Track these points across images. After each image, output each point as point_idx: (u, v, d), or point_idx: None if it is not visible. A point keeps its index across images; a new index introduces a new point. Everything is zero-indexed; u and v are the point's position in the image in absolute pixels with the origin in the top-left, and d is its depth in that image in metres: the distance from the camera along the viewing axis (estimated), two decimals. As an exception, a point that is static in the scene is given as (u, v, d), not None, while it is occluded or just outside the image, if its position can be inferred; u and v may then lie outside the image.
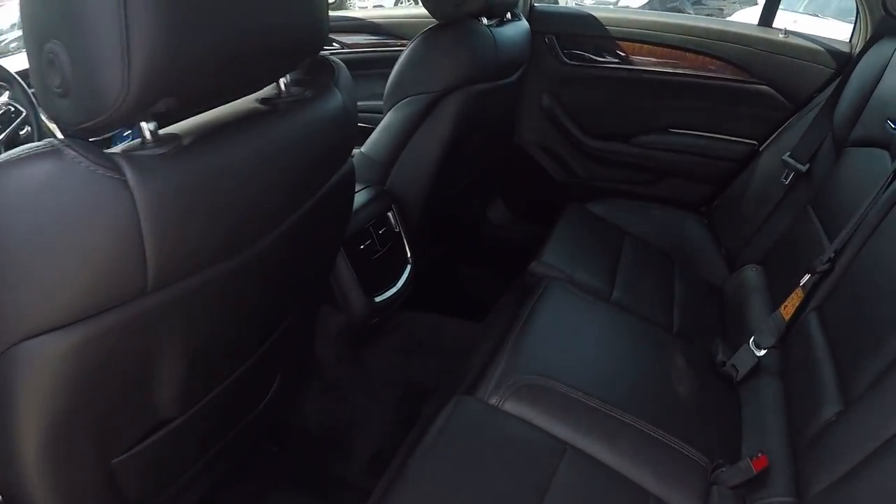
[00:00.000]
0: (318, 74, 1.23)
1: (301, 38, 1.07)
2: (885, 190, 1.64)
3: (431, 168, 1.93)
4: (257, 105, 1.10)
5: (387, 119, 1.92)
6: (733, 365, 1.77)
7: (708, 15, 9.86)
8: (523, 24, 2.25)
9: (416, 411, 2.00)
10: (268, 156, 1.03)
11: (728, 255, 2.40)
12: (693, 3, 10.26)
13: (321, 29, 1.10)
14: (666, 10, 9.97)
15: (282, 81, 1.14)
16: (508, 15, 2.22)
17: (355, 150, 1.99)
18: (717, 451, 1.50)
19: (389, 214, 1.94)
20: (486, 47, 1.91)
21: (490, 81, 1.96)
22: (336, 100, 1.21)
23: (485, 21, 1.99)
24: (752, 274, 2.22)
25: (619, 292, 2.00)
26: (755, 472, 1.40)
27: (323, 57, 1.27)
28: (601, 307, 1.85)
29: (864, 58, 2.20)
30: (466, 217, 2.54)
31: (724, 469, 1.45)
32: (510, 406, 1.47)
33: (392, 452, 1.80)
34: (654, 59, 2.58)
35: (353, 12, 3.34)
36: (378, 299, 1.89)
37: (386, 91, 1.91)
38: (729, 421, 1.63)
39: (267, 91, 1.15)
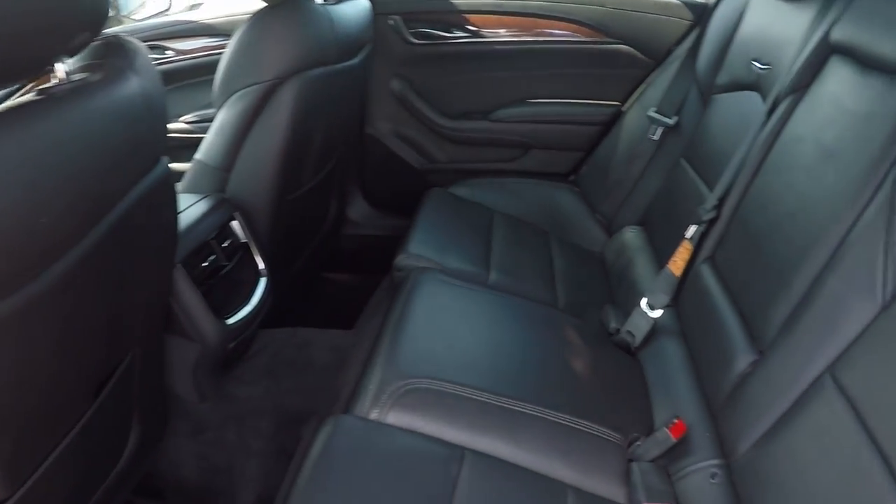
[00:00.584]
0: (110, 58, 1.03)
1: (72, 15, 0.87)
2: (763, 129, 1.59)
3: (275, 167, 1.72)
4: (29, 98, 0.89)
5: (219, 118, 1.70)
6: (629, 331, 1.66)
7: None
8: (363, 2, 2.08)
9: (295, 439, 1.80)
10: (35, 155, 0.82)
11: (604, 221, 2.33)
12: None
13: (98, 4, 0.91)
14: None
15: (61, 68, 0.93)
16: None
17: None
18: (629, 425, 1.39)
19: (234, 224, 1.71)
20: (322, 27, 1.73)
21: (329, 65, 1.78)
22: (131, 85, 1.00)
23: (319, 0, 1.81)
24: (631, 235, 2.15)
25: (496, 274, 1.85)
26: (674, 439, 1.29)
27: (114, 37, 1.06)
28: (479, 293, 1.70)
29: (721, 5, 2.18)
30: (325, 217, 2.34)
31: (640, 443, 1.33)
32: (394, 417, 1.29)
33: (277, 489, 1.60)
34: (506, 30, 2.45)
35: (187, 14, 3.08)
36: (231, 321, 1.66)
37: (214, 87, 1.70)
38: (636, 391, 1.51)
39: (48, 81, 0.94)
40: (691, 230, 1.64)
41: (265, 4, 1.68)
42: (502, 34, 2.45)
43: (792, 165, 1.43)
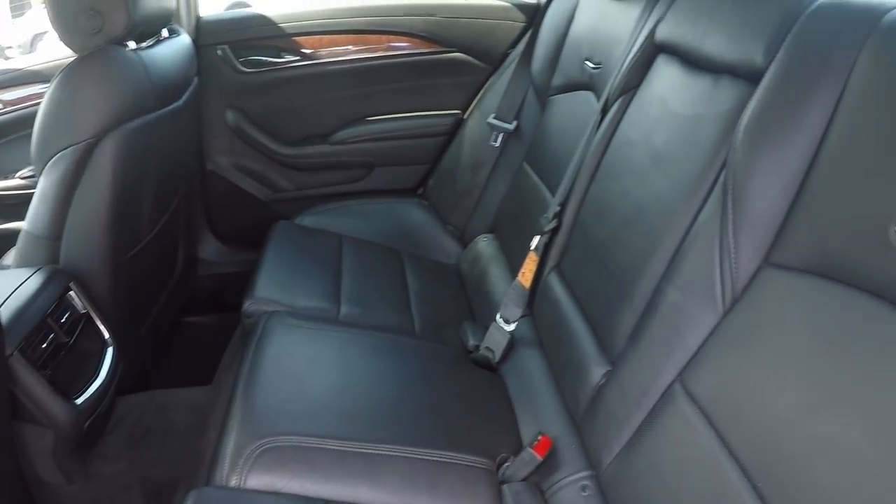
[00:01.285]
0: None
1: None
2: (596, 131, 1.59)
3: (105, 228, 1.60)
4: None
5: (40, 186, 1.57)
6: (488, 347, 1.64)
7: None
8: (182, 40, 1.95)
9: (165, 510, 1.69)
10: None
11: (457, 232, 2.31)
12: None
13: None
14: None
15: None
16: (165, 32, 1.93)
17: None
18: (497, 446, 1.36)
19: (70, 295, 1.59)
20: (136, 75, 1.60)
21: (150, 113, 1.66)
22: None
23: (132, 45, 1.69)
24: (484, 244, 2.14)
25: (347, 307, 1.79)
26: (540, 458, 1.28)
27: None
28: (330, 332, 1.63)
29: (552, 5, 2.19)
30: (174, 264, 2.21)
31: (509, 464, 1.31)
32: (254, 481, 1.21)
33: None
34: (339, 49, 2.40)
35: (11, 62, 2.84)
36: (80, 400, 1.53)
37: (31, 152, 1.57)
38: (500, 409, 1.49)
39: None
40: (535, 240, 1.63)
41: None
42: (335, 54, 2.39)
43: (626, 170, 1.43)
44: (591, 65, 1.79)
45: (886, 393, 0.76)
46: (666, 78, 1.43)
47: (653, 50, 1.51)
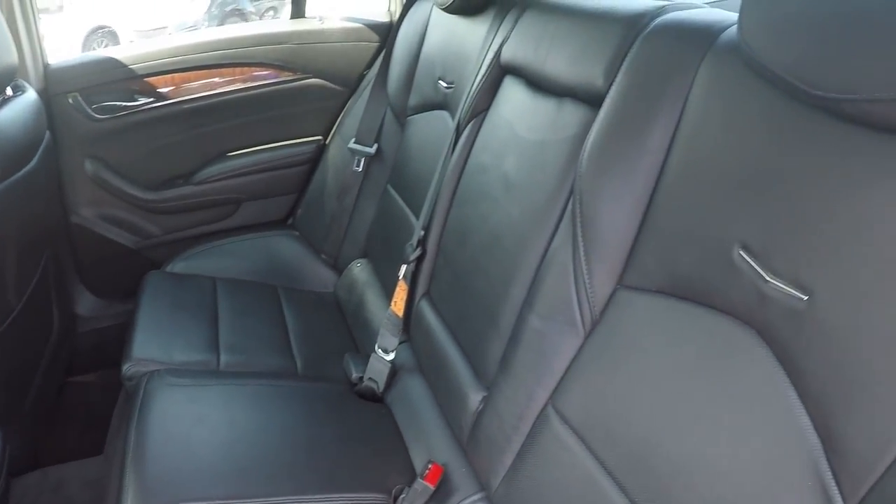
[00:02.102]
0: None
1: None
2: (451, 155, 1.61)
3: None
4: None
5: None
6: (371, 378, 1.65)
7: (269, 8, 9.96)
8: (27, 96, 1.83)
9: None
10: None
11: (330, 260, 2.30)
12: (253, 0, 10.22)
13: None
14: (225, 13, 9.80)
15: None
16: (9, 90, 1.82)
17: None
18: (392, 479, 1.37)
19: None
20: None
21: (1, 182, 1.58)
22: None
23: None
24: (358, 270, 2.14)
25: (226, 356, 1.76)
26: (432, 487, 1.30)
27: None
28: (212, 388, 1.59)
29: (404, 24, 2.20)
30: (50, 330, 2.09)
31: (404, 495, 1.32)
32: None
33: None
34: (194, 85, 2.33)
35: None
36: None
37: None
38: (390, 440, 1.51)
39: None
40: (403, 269, 1.65)
41: None
42: (191, 91, 2.33)
43: (481, 196, 1.46)
44: (444, 84, 1.82)
45: (739, 406, 0.82)
46: (513, 100, 1.46)
47: (499, 71, 1.53)
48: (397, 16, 2.34)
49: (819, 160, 0.76)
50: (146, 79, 2.26)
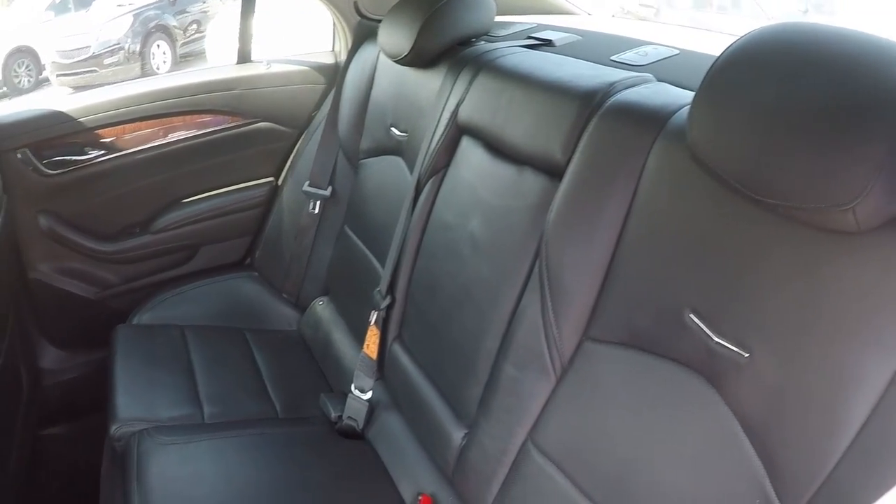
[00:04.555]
0: None
1: None
2: (413, 210, 1.69)
3: None
4: None
5: None
6: (350, 417, 1.74)
7: (192, 21, 9.77)
8: None
9: None
10: None
11: (291, 299, 2.37)
12: (176, 14, 10.08)
13: None
14: (149, 30, 9.67)
15: None
16: None
17: None
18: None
19: None
20: None
21: None
22: None
23: None
24: (321, 308, 2.23)
25: (209, 406, 1.83)
26: (424, 517, 1.41)
27: None
28: (201, 442, 1.66)
29: (351, 66, 2.26)
30: (20, 391, 2.11)
31: (398, 528, 1.43)
32: None
33: None
34: (144, 133, 2.37)
35: None
36: None
37: None
38: (376, 475, 1.61)
39: None
40: (374, 315, 1.73)
41: None
42: (141, 140, 2.37)
43: (448, 252, 1.55)
44: (398, 132, 1.89)
45: (695, 439, 0.97)
46: (472, 161, 1.55)
47: (456, 130, 1.60)
48: (342, 56, 2.42)
49: (759, 241, 0.91)
50: (96, 131, 2.29)
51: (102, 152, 2.33)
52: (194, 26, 10.22)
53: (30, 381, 2.16)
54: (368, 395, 1.74)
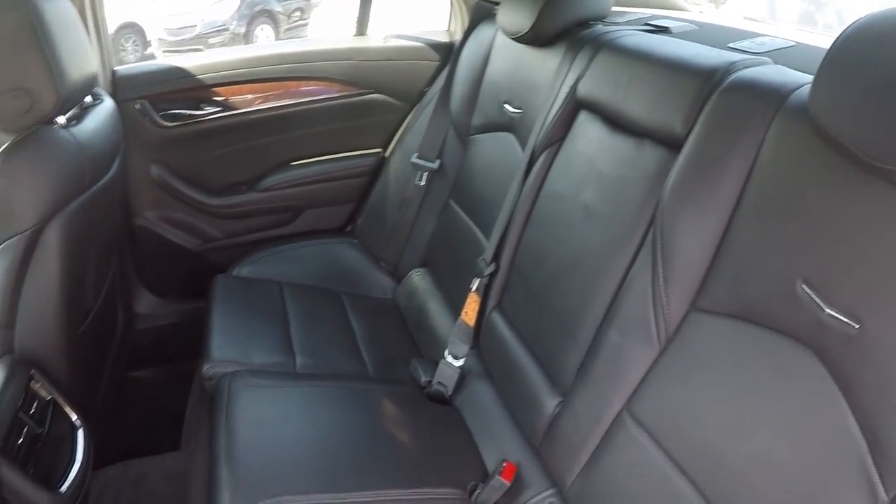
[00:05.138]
0: None
1: None
2: (525, 181, 1.70)
3: (58, 310, 1.59)
4: None
5: None
6: (440, 382, 1.75)
7: (296, 9, 10.09)
8: (106, 105, 1.92)
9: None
10: None
11: (389, 268, 2.40)
12: (281, 0, 10.39)
13: None
14: (255, 13, 9.98)
15: None
16: (88, 97, 1.89)
17: None
18: (466, 476, 1.49)
19: (33, 384, 1.57)
20: (72, 157, 1.58)
21: (87, 191, 1.65)
22: None
23: (61, 121, 1.64)
24: (418, 278, 2.25)
25: (302, 358, 1.87)
26: (507, 483, 1.42)
27: None
28: (292, 388, 1.70)
29: (467, 45, 2.29)
30: (116, 328, 2.20)
31: (479, 491, 1.43)
32: None
33: None
34: (258, 97, 2.45)
35: None
36: (65, 487, 1.53)
37: None
38: (462, 440, 1.62)
39: None
40: (476, 282, 1.75)
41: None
42: (256, 101, 2.44)
43: (558, 222, 1.56)
44: (511, 109, 1.90)
45: (797, 413, 0.95)
46: (590, 135, 1.56)
47: (575, 105, 1.62)
48: (458, 36, 2.45)
49: (876, 213, 0.90)
50: (213, 88, 2.38)
51: (218, 109, 2.41)
52: (298, 13, 10.50)
53: (124, 323, 2.25)
54: (461, 361, 1.75)
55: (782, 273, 1.00)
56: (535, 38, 1.83)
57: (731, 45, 1.51)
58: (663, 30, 1.72)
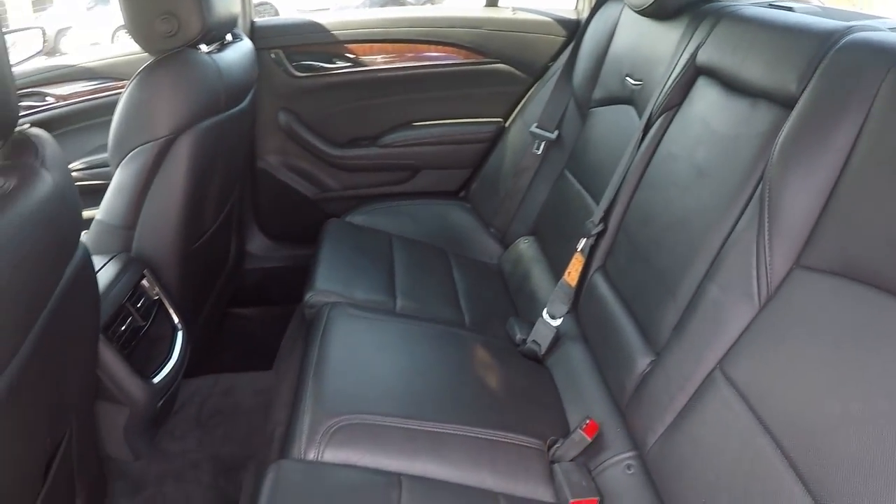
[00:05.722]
0: (20, 157, 1.01)
1: None
2: (640, 145, 1.71)
3: (178, 220, 1.71)
4: None
5: (116, 178, 1.67)
6: (534, 341, 1.77)
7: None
8: (246, 44, 2.06)
9: (234, 486, 1.82)
10: None
11: (498, 234, 2.43)
12: None
13: (7, 104, 0.92)
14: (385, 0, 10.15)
15: None
16: (229, 36, 2.03)
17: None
18: (547, 430, 1.49)
19: (144, 282, 1.71)
20: (210, 79, 1.71)
21: (220, 113, 1.78)
22: (45, 185, 1.00)
23: (204, 48, 1.79)
24: (525, 246, 2.27)
25: (402, 300, 1.93)
26: (589, 439, 1.41)
27: (20, 134, 1.04)
28: (390, 322, 1.76)
29: (593, 22, 2.31)
30: (227, 257, 2.33)
31: (559, 445, 1.44)
32: (331, 455, 1.34)
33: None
34: (387, 57, 2.54)
35: (65, 58, 2.96)
36: (157, 379, 1.66)
37: (109, 147, 1.67)
38: (548, 396, 1.62)
39: None
40: (582, 243, 1.76)
41: (152, 59, 1.67)
42: (384, 61, 2.53)
43: (668, 182, 1.56)
44: (633, 81, 1.91)
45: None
46: (706, 98, 1.56)
47: (694, 72, 1.63)
48: (585, 14, 2.45)
49: None
50: (346, 45, 2.48)
51: (348, 65, 2.52)
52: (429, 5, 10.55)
53: (235, 258, 2.38)
54: (558, 321, 1.75)
55: (890, 230, 0.97)
56: (658, 9, 1.84)
57: (852, 22, 1.48)
58: (787, 9, 1.70)
